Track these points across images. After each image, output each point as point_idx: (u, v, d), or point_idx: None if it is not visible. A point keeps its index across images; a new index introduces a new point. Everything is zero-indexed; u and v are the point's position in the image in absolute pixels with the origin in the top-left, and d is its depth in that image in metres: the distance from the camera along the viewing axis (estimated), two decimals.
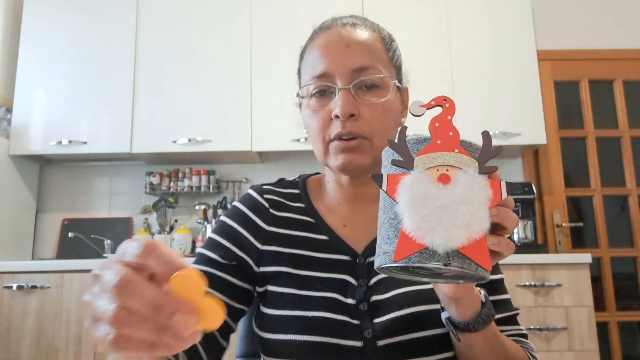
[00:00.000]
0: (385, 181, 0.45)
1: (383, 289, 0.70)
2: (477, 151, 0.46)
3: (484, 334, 0.60)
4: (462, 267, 0.42)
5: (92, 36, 2.64)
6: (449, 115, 0.47)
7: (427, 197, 0.43)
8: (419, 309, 0.67)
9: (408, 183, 0.44)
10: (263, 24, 2.64)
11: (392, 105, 0.73)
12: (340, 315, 0.67)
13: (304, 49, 0.79)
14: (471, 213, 0.43)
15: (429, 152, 0.46)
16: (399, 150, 0.47)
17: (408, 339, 0.66)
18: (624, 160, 2.86)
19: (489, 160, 0.46)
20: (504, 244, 0.45)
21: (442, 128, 0.47)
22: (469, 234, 0.42)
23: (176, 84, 2.59)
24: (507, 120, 2.55)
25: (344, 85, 0.69)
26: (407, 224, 0.43)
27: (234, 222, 0.77)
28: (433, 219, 0.42)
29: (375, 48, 0.73)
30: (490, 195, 0.44)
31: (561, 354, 2.09)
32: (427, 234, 0.42)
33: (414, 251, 0.42)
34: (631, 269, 2.78)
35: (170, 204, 2.71)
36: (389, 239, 0.45)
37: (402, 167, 0.46)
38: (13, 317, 2.08)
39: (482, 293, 0.61)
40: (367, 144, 0.70)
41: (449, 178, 0.44)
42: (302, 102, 0.76)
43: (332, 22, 0.76)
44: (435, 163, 0.45)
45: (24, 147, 2.54)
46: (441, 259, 0.42)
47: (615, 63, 2.93)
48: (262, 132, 2.55)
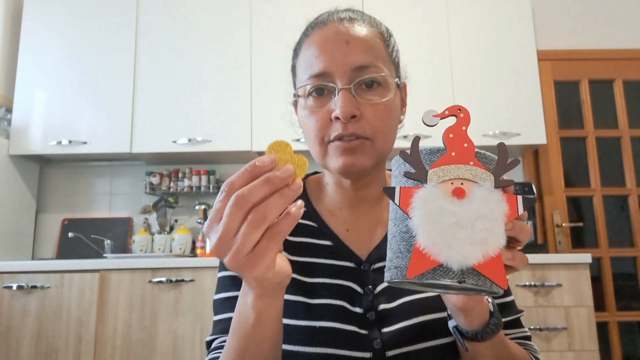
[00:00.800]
0: (398, 194, 0.44)
1: (389, 297, 0.68)
2: (492, 163, 0.45)
3: (491, 342, 0.59)
4: (477, 284, 0.41)
5: (92, 36, 2.64)
6: (463, 125, 0.46)
7: (442, 213, 0.42)
8: (427, 318, 0.66)
9: (422, 197, 0.43)
10: (263, 23, 2.64)
11: (394, 103, 0.70)
12: (348, 325, 0.65)
13: (298, 45, 0.75)
14: (488, 229, 0.42)
15: (443, 164, 0.44)
16: (411, 162, 0.45)
17: (417, 349, 0.64)
18: (624, 160, 2.86)
19: (505, 174, 0.45)
20: (518, 258, 0.44)
21: (457, 139, 0.45)
22: (485, 250, 0.41)
23: (176, 84, 2.59)
24: (507, 120, 2.55)
25: (344, 84, 0.66)
26: (422, 239, 0.42)
27: None
28: (448, 235, 0.41)
29: (375, 44, 0.70)
30: (507, 211, 0.43)
31: (561, 354, 2.09)
32: (442, 251, 0.41)
33: (428, 268, 0.41)
34: (631, 269, 2.78)
35: (170, 204, 2.71)
36: (401, 252, 0.44)
37: (415, 179, 0.44)
38: (13, 317, 2.08)
39: (491, 302, 0.59)
40: (369, 144, 0.67)
41: (464, 192, 0.43)
42: (297, 101, 0.73)
43: (329, 17, 0.73)
44: (450, 176, 0.44)
45: (24, 147, 2.54)
46: (455, 276, 0.41)
47: (615, 63, 2.93)
48: (262, 132, 2.55)
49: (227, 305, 0.70)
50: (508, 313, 0.73)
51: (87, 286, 2.11)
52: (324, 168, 0.74)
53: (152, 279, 2.12)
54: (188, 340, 2.09)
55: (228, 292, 0.72)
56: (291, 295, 0.68)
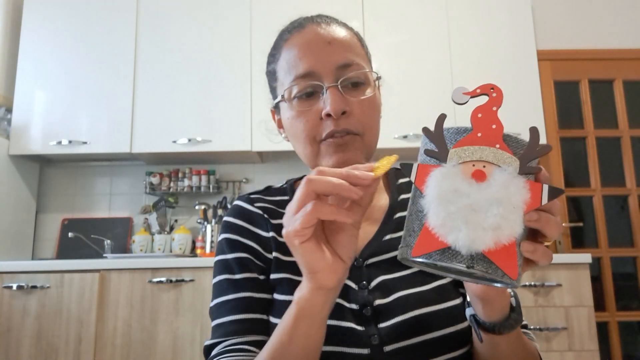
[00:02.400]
0: (415, 171, 0.43)
1: (384, 292, 0.68)
2: (522, 148, 0.42)
3: (508, 336, 0.58)
4: (487, 271, 0.40)
5: (92, 36, 2.64)
6: (494, 106, 0.44)
7: (456, 193, 0.40)
8: (423, 311, 0.66)
9: (438, 176, 0.41)
10: (263, 23, 2.64)
11: (377, 99, 0.73)
12: (345, 322, 0.66)
13: (276, 49, 0.77)
14: (502, 215, 0.39)
15: (467, 144, 0.42)
16: (434, 140, 0.43)
17: (415, 342, 0.65)
18: (624, 160, 2.86)
19: (534, 160, 0.42)
20: (540, 252, 0.42)
21: (485, 119, 0.43)
22: (497, 237, 0.39)
23: (176, 84, 2.59)
24: (507, 120, 2.53)
25: (331, 83, 0.68)
26: (431, 219, 0.41)
27: (237, 236, 0.75)
28: (459, 217, 0.40)
29: (354, 44, 0.73)
30: (528, 199, 0.40)
31: (561, 354, 2.09)
32: (450, 233, 0.40)
33: (435, 249, 0.40)
34: (631, 269, 2.78)
35: (170, 204, 2.71)
36: (414, 231, 0.43)
37: (435, 157, 0.43)
38: (13, 317, 2.08)
39: (513, 296, 0.58)
40: (360, 140, 0.69)
41: (484, 175, 0.41)
42: (281, 105, 0.74)
43: (305, 21, 0.75)
44: (472, 158, 0.42)
45: (24, 147, 2.54)
46: (464, 260, 0.40)
47: (615, 63, 2.93)
48: (262, 132, 2.54)
49: (225, 308, 0.70)
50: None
51: (87, 286, 2.11)
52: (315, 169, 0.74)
53: (152, 279, 2.12)
54: (188, 340, 2.09)
55: (224, 297, 0.71)
56: (287, 295, 0.68)
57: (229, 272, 0.72)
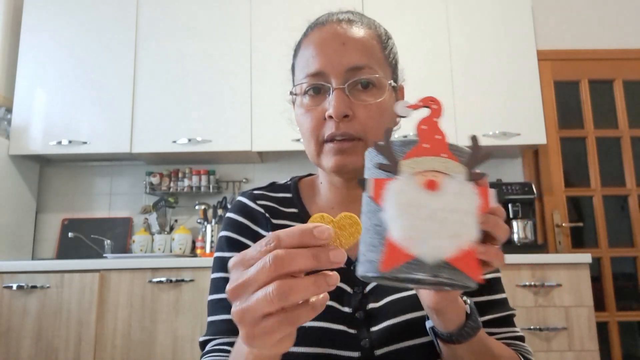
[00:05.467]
0: (372, 186, 0.43)
1: (378, 296, 0.68)
2: (465, 155, 0.44)
3: (469, 345, 0.57)
4: (452, 279, 0.40)
5: (92, 36, 2.64)
6: (435, 117, 0.45)
7: (415, 205, 0.41)
8: (414, 316, 0.66)
9: (395, 189, 0.42)
10: (263, 24, 2.64)
11: (387, 105, 0.71)
12: (337, 325, 0.66)
13: (298, 45, 0.77)
14: (460, 222, 0.41)
15: (416, 156, 0.43)
16: (384, 153, 0.44)
17: (405, 346, 0.65)
18: (624, 160, 2.86)
19: (477, 166, 0.44)
20: (492, 253, 0.42)
21: (430, 131, 0.45)
22: (458, 244, 0.40)
23: (176, 84, 2.59)
24: (507, 120, 2.55)
25: (339, 84, 0.68)
26: (395, 233, 0.40)
27: (238, 235, 0.75)
28: (422, 228, 0.40)
29: (371, 46, 0.71)
30: (480, 204, 0.42)
31: (561, 354, 2.09)
32: (416, 245, 0.40)
33: (402, 262, 0.40)
34: (631, 269, 2.78)
35: (170, 204, 2.71)
36: (374, 246, 0.42)
37: (387, 171, 0.43)
38: (13, 317, 2.08)
39: (468, 304, 0.58)
40: (362, 145, 0.68)
41: (436, 184, 0.42)
42: (295, 99, 0.75)
43: (328, 18, 0.74)
44: (422, 168, 0.42)
45: (24, 147, 2.54)
46: (429, 270, 0.40)
47: (615, 63, 2.93)
48: (262, 132, 2.55)
49: (220, 306, 0.72)
50: (497, 310, 0.72)
51: (87, 286, 2.11)
52: (318, 167, 0.75)
53: (152, 279, 2.12)
54: (188, 340, 2.09)
55: (219, 294, 0.73)
56: None
57: (225, 271, 0.73)
